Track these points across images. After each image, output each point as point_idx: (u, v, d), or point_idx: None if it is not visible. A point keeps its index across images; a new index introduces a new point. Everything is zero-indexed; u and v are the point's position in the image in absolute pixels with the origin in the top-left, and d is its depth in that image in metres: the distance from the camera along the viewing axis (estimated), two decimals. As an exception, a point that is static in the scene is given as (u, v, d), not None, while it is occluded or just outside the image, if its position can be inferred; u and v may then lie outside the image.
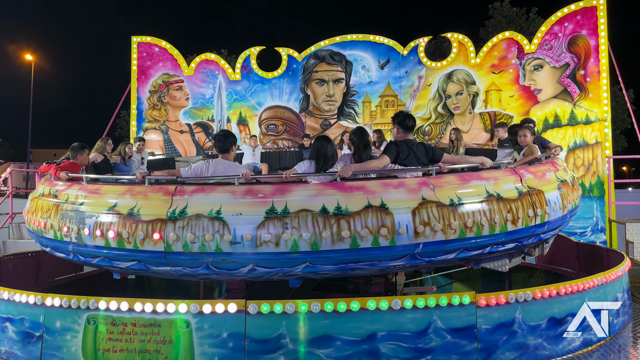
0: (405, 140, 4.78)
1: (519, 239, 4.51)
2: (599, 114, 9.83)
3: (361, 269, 4.23)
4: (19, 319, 4.22)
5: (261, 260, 3.99)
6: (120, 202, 4.25)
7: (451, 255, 4.27)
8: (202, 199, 4.07)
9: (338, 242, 3.89)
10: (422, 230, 3.97)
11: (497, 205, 4.25)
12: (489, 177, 4.44)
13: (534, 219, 4.47)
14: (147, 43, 12.12)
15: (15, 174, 10.67)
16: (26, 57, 31.51)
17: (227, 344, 3.75)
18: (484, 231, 4.19)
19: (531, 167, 4.94)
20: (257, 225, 3.89)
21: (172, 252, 4.01)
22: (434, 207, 4.05)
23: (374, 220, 3.91)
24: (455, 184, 4.28)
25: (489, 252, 4.47)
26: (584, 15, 10.06)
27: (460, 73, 11.10)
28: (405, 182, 4.21)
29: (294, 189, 4.07)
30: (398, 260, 4.13)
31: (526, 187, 4.52)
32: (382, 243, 3.93)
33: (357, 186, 4.11)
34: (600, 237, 9.49)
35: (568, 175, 5.28)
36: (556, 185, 4.84)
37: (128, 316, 3.89)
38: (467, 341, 3.88)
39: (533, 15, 24.79)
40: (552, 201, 4.66)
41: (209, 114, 12.03)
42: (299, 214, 3.91)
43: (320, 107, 11.91)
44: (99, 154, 8.17)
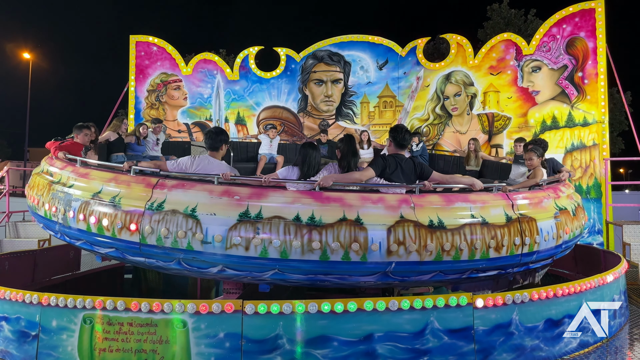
0: (394, 154, 4.69)
1: (502, 266, 4.39)
2: (596, 116, 9.84)
3: (330, 282, 4.17)
4: (14, 318, 4.20)
5: (230, 263, 4.00)
6: (105, 189, 4.33)
7: (426, 277, 4.17)
8: (180, 195, 4.11)
9: (308, 253, 3.88)
10: (395, 249, 3.92)
11: (480, 230, 4.13)
12: (476, 200, 4.31)
13: (520, 248, 4.32)
14: (146, 42, 12.09)
15: (12, 173, 10.65)
16: (24, 56, 31.43)
17: (223, 344, 3.74)
18: (463, 256, 4.08)
19: (527, 193, 4.78)
20: (229, 227, 3.91)
21: (147, 244, 4.07)
22: (411, 226, 3.98)
23: (347, 234, 3.88)
24: (438, 204, 4.18)
25: (468, 277, 4.35)
26: (582, 18, 10.08)
27: (458, 74, 11.11)
28: (386, 198, 4.13)
29: (271, 195, 4.06)
30: (369, 277, 4.07)
31: (517, 214, 4.37)
32: (353, 258, 3.89)
33: (335, 197, 4.05)
34: (597, 239, 9.51)
35: (571, 202, 5.07)
36: (552, 213, 4.66)
37: (124, 316, 3.87)
38: (464, 342, 3.88)
39: (531, 17, 24.82)
40: (545, 230, 4.49)
41: (207, 114, 12.01)
42: (272, 220, 3.91)
43: (319, 107, 11.91)
44: (113, 132, 8.28)
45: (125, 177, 4.40)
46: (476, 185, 4.54)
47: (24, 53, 31.50)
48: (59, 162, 5.11)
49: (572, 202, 5.09)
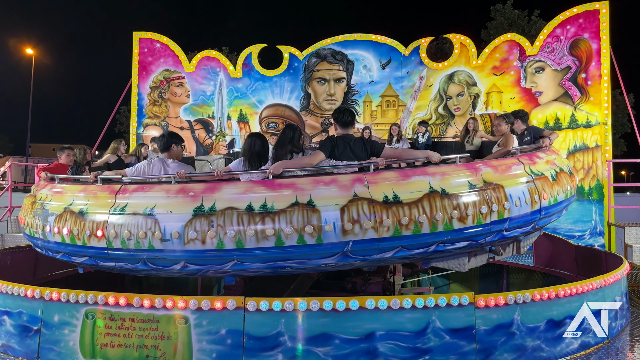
0: (343, 135, 4.65)
1: (471, 236, 4.27)
2: (599, 118, 9.84)
3: (291, 267, 4.16)
4: (16, 312, 4.21)
5: (191, 258, 4.03)
6: (74, 201, 4.47)
7: (388, 254, 4.11)
8: (140, 198, 4.19)
9: (263, 240, 3.87)
10: (350, 228, 3.87)
11: (440, 202, 4.03)
12: (435, 172, 4.20)
13: (488, 216, 4.21)
14: (149, 39, 12.10)
15: (14, 168, 10.67)
16: (27, 52, 31.42)
17: (225, 341, 3.75)
18: (424, 229, 3.99)
19: (493, 161, 4.68)
20: (185, 223, 3.94)
21: (113, 248, 4.15)
22: (365, 204, 3.93)
23: (300, 218, 3.86)
24: (393, 179, 4.09)
25: (435, 251, 4.25)
26: (586, 19, 10.06)
27: (461, 74, 11.10)
28: (338, 178, 4.09)
29: (224, 187, 4.08)
30: (328, 258, 4.05)
31: (481, 182, 4.26)
32: (308, 241, 3.88)
33: (287, 183, 4.05)
34: (598, 241, 9.50)
35: (551, 167, 4.91)
36: (524, 179, 4.52)
37: (126, 311, 3.88)
38: (466, 342, 3.88)
39: (535, 17, 24.77)
40: (516, 196, 4.35)
41: (210, 111, 12.02)
42: (225, 211, 3.92)
43: (321, 106, 11.91)
44: (112, 154, 8.32)
45: (93, 187, 4.55)
46: (432, 157, 4.41)
47: (26, 49, 31.48)
48: (42, 182, 5.32)
49: (552, 167, 4.90)
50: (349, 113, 4.73)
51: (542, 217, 4.67)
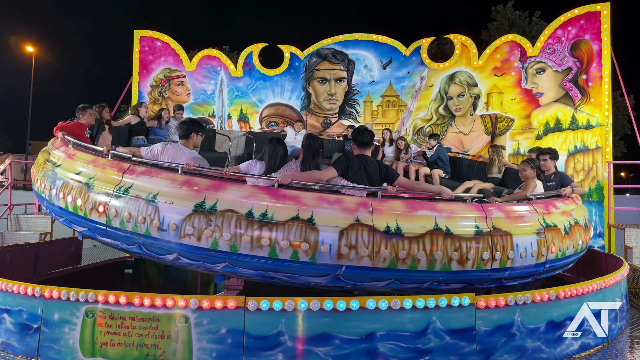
0: (360, 155, 4.56)
1: (467, 280, 4.23)
2: (600, 119, 9.83)
3: (280, 280, 4.14)
4: (16, 310, 4.20)
5: (184, 251, 4.06)
6: (84, 171, 4.51)
7: (380, 284, 4.07)
8: (146, 182, 4.21)
9: (257, 249, 3.88)
10: (346, 252, 3.85)
11: (442, 241, 3.98)
12: (443, 210, 4.13)
13: (490, 263, 4.14)
14: (150, 37, 12.09)
15: (14, 166, 10.64)
16: (27, 49, 31.37)
17: (225, 340, 3.75)
18: (420, 266, 3.96)
19: (507, 206, 4.59)
20: (184, 216, 3.96)
21: (112, 226, 4.21)
22: (366, 231, 3.89)
23: (297, 234, 3.85)
24: (399, 210, 4.05)
25: (428, 288, 4.20)
26: (587, 20, 10.06)
27: (462, 75, 11.10)
28: (344, 199, 4.04)
29: (229, 188, 4.07)
30: (319, 278, 4.04)
31: (490, 227, 4.18)
32: (302, 258, 3.87)
33: (291, 195, 4.02)
34: (598, 242, 9.50)
35: (566, 219, 4.76)
36: (535, 230, 4.41)
37: (127, 310, 3.87)
38: (466, 342, 3.88)
39: (536, 18, 24.73)
40: (522, 247, 4.27)
41: (210, 110, 12.01)
42: (225, 213, 3.92)
43: (322, 105, 11.90)
44: (134, 116, 8.33)
45: (103, 160, 4.56)
46: (444, 194, 4.33)
47: (27, 46, 31.43)
48: (57, 142, 5.33)
49: (567, 219, 4.78)
50: (368, 133, 4.62)
51: (546, 270, 4.61)
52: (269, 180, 4.18)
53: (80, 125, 6.39)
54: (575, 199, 5.40)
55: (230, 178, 4.26)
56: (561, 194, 5.32)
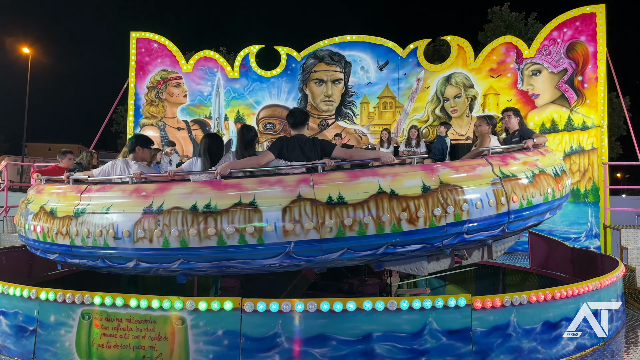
0: (295, 136, 4.66)
1: (424, 239, 4.14)
2: (595, 120, 9.88)
3: (235, 267, 4.18)
4: (12, 312, 4.20)
5: (141, 256, 4.13)
6: (49, 201, 4.64)
7: (334, 255, 4.05)
8: (100, 198, 4.36)
9: (205, 240, 3.91)
10: (291, 228, 3.86)
11: (387, 203, 3.95)
12: (387, 174, 4.11)
13: (442, 218, 4.07)
14: (146, 39, 12.09)
15: (10, 168, 10.62)
16: (23, 51, 31.31)
17: (222, 342, 3.74)
18: (369, 230, 3.93)
19: (455, 162, 4.52)
20: (135, 222, 4.04)
21: (75, 246, 4.32)
22: (308, 204, 3.90)
23: (241, 218, 3.89)
24: (340, 180, 4.05)
25: (385, 253, 4.15)
26: (583, 22, 10.11)
27: (458, 76, 11.13)
28: (284, 179, 4.08)
29: (173, 187, 4.16)
30: (272, 259, 4.04)
31: (437, 183, 4.12)
32: (250, 241, 3.89)
33: (233, 184, 4.09)
34: (594, 243, 9.54)
35: (529, 169, 4.66)
36: (489, 180, 4.32)
37: (123, 312, 3.87)
38: (462, 343, 3.88)
39: (532, 20, 24.85)
40: (477, 198, 4.18)
41: (207, 112, 12.01)
42: (171, 211, 3.99)
43: (319, 107, 11.92)
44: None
45: (65, 187, 4.74)
46: (384, 158, 4.34)
47: (23, 48, 31.37)
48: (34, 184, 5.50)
49: (530, 169, 4.66)
50: (300, 113, 4.77)
51: (513, 221, 4.49)
52: (212, 174, 4.29)
53: (58, 169, 6.64)
54: (543, 150, 5.25)
55: (175, 179, 4.42)
56: (523, 147, 5.14)
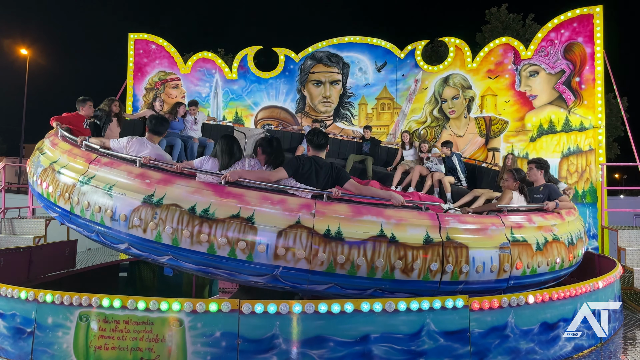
0: (313, 156, 4.53)
1: (414, 290, 4.10)
2: (593, 121, 9.89)
3: (221, 276, 4.17)
4: (10, 314, 4.18)
5: (133, 242, 4.19)
6: (60, 159, 4.65)
7: (320, 287, 4.03)
8: (107, 172, 4.36)
9: (196, 244, 3.93)
10: (283, 253, 3.85)
11: (385, 248, 3.88)
12: (391, 216, 4.03)
13: (439, 274, 4.00)
14: (144, 40, 12.09)
15: (7, 169, 10.57)
16: (21, 52, 31.25)
17: (219, 343, 3.73)
18: (360, 272, 3.90)
19: (468, 216, 4.41)
20: (133, 208, 4.07)
21: (74, 214, 4.38)
22: (305, 233, 3.85)
23: (235, 232, 3.87)
24: (343, 214, 3.99)
25: (371, 295, 4.09)
26: (580, 23, 10.13)
27: (456, 77, 11.14)
28: (288, 200, 4.02)
29: (177, 182, 4.15)
30: (258, 277, 4.03)
31: (442, 237, 4.02)
32: (239, 256, 3.89)
33: (236, 193, 4.04)
34: (592, 244, 9.55)
35: (541, 235, 4.52)
36: (497, 243, 4.22)
37: (121, 314, 3.86)
38: (460, 344, 3.88)
39: (529, 21, 24.86)
40: (480, 260, 4.10)
41: (205, 113, 11.99)
42: (170, 207, 4.00)
43: (317, 108, 11.92)
44: (149, 110, 8.49)
45: (77, 150, 4.72)
46: (394, 199, 4.21)
47: (21, 49, 31.31)
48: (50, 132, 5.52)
49: (543, 235, 4.55)
50: (323, 136, 4.62)
51: (511, 287, 4.41)
52: (219, 177, 4.21)
53: (78, 117, 6.48)
54: (565, 214, 5.12)
55: (183, 173, 4.34)
56: (542, 208, 5.02)
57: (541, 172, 5.74)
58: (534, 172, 5.73)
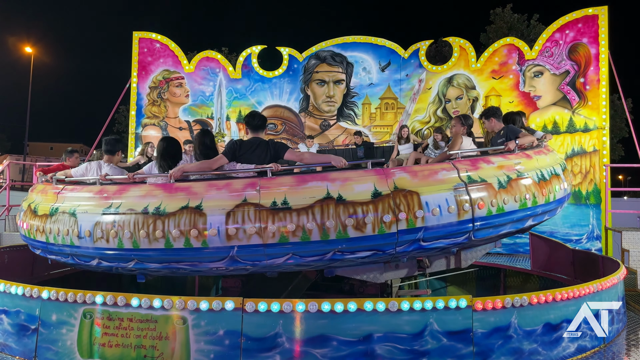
0: (251, 139, 4.62)
1: (374, 246, 4.05)
2: (597, 122, 9.87)
3: (185, 269, 4.26)
4: (14, 311, 4.21)
5: (101, 255, 4.27)
6: (35, 199, 4.84)
7: (279, 260, 4.04)
8: (72, 198, 4.52)
9: (154, 242, 4.00)
10: (234, 233, 3.89)
11: (333, 209, 3.89)
12: (337, 178, 4.06)
13: (393, 225, 3.96)
14: (149, 39, 12.10)
15: (12, 167, 10.61)
16: (26, 50, 31.35)
17: (223, 342, 3.75)
18: (313, 236, 3.89)
19: (415, 166, 4.39)
20: (95, 222, 4.18)
21: (50, 242, 4.52)
22: (252, 209, 3.91)
23: (187, 222, 3.94)
24: (288, 184, 4.03)
25: (333, 259, 4.09)
26: (585, 24, 10.10)
27: (460, 77, 11.13)
28: (233, 183, 4.12)
29: (131, 190, 4.29)
30: (218, 262, 4.09)
31: (390, 188, 4.01)
32: (194, 244, 3.94)
33: (183, 187, 4.16)
34: (595, 245, 9.53)
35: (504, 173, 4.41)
36: (451, 185, 4.17)
37: (124, 311, 3.88)
38: (463, 345, 3.88)
39: (534, 22, 24.82)
40: (434, 204, 4.03)
41: (209, 112, 12.03)
42: (125, 213, 4.11)
43: (320, 107, 11.92)
44: (141, 156, 8.61)
45: (49, 186, 4.94)
46: (336, 162, 4.24)
47: (25, 47, 31.41)
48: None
49: (505, 173, 4.42)
50: (259, 117, 4.73)
51: (480, 228, 4.30)
52: (167, 178, 4.38)
53: (63, 168, 6.60)
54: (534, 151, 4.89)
55: (135, 181, 4.51)
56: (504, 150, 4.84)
57: (491, 119, 5.60)
58: (487, 123, 5.61)
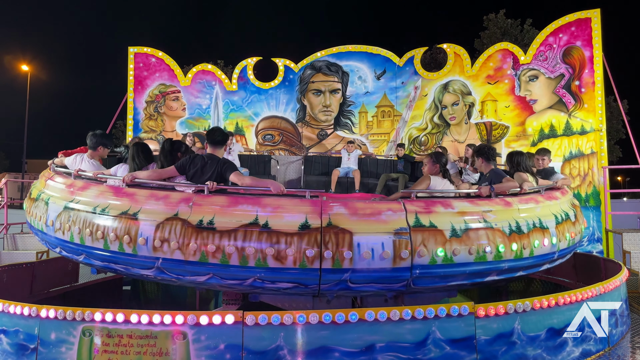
0: (207, 154, 4.69)
1: (295, 279, 3.96)
2: (594, 124, 9.88)
3: (120, 271, 4.52)
4: (13, 330, 4.16)
5: (60, 245, 4.61)
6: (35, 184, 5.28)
7: (201, 278, 4.06)
8: (52, 189, 4.87)
9: (95, 241, 4.23)
10: (159, 245, 3.99)
11: (256, 236, 3.85)
12: (269, 204, 4.01)
13: (316, 261, 3.84)
14: (144, 54, 12.14)
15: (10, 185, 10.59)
16: (22, 68, 31.44)
17: (224, 356, 3.71)
18: (232, 260, 3.87)
19: (356, 203, 4.18)
20: (57, 214, 4.53)
21: (31, 225, 5.07)
22: (179, 224, 3.97)
23: (122, 227, 4.11)
24: (219, 205, 4.03)
25: (252, 285, 4.05)
26: (578, 27, 10.15)
27: (456, 83, 11.16)
28: (171, 195, 4.22)
29: (91, 188, 4.57)
30: (147, 270, 4.22)
31: (323, 223, 3.89)
32: (126, 250, 4.11)
33: (129, 193, 4.36)
34: (596, 247, 9.50)
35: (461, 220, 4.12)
36: (392, 228, 3.95)
37: (124, 328, 3.84)
38: (466, 352, 3.85)
39: (527, 27, 24.95)
40: (368, 246, 3.87)
41: (206, 124, 12.04)
42: (80, 210, 4.38)
43: (317, 117, 11.94)
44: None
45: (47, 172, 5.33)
46: (273, 188, 4.23)
47: (22, 65, 31.50)
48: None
49: (463, 219, 4.16)
50: (220, 133, 4.80)
51: (420, 277, 4.06)
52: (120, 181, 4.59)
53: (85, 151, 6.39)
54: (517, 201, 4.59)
55: (99, 180, 4.78)
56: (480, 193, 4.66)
57: (481, 159, 5.43)
58: (477, 162, 5.50)
